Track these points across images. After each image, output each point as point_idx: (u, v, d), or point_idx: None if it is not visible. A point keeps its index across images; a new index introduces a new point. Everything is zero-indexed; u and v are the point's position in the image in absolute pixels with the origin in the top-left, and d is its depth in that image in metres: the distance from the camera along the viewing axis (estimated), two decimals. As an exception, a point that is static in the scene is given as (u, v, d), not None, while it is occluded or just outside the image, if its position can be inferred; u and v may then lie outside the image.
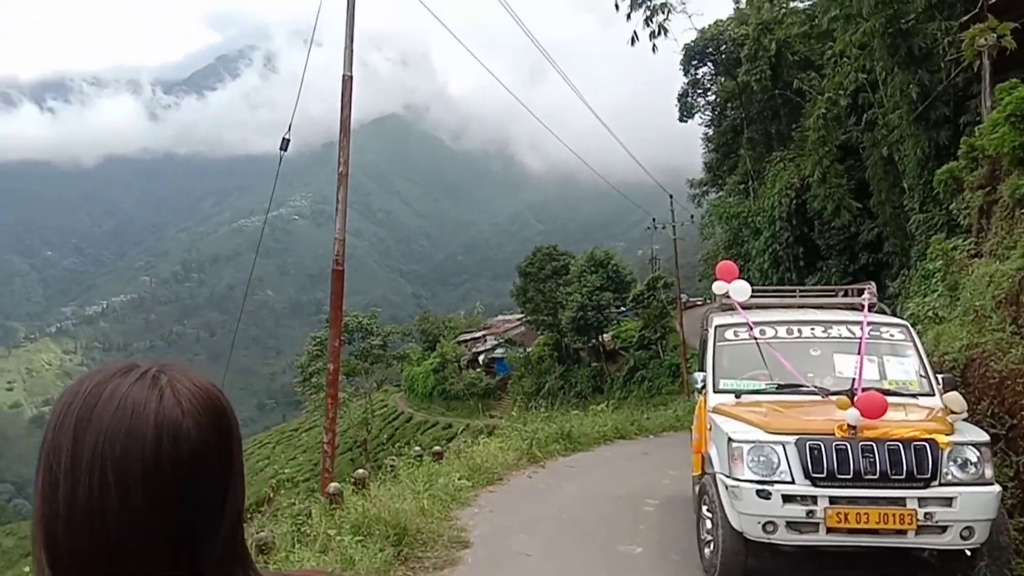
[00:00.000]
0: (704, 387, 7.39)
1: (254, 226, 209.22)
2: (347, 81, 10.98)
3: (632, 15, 19.88)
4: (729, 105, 32.17)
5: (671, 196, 35.62)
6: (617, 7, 19.76)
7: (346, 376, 51.05)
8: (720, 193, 33.14)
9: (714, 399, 7.07)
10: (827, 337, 7.41)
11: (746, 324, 7.46)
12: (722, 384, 7.19)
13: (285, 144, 11.37)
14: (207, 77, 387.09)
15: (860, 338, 7.11)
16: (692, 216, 38.46)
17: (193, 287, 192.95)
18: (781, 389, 6.91)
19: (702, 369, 7.79)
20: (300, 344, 68.00)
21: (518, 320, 58.25)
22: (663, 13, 19.73)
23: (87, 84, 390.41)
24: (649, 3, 19.74)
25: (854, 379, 6.65)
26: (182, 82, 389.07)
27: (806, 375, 6.95)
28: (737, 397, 6.93)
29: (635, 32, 19.85)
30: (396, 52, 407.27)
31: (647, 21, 19.80)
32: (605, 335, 46.26)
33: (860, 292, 8.41)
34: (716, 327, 7.72)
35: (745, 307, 7.86)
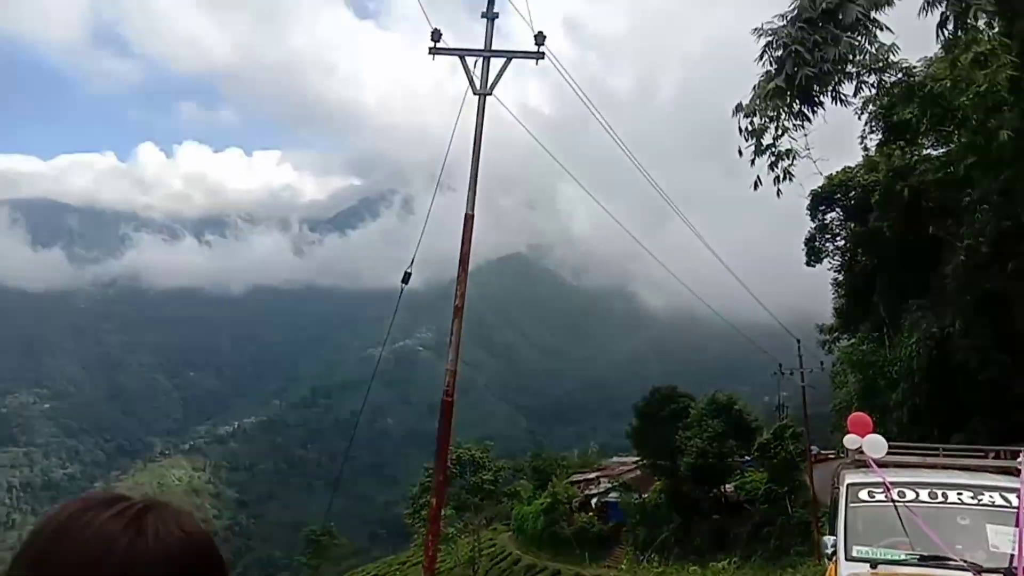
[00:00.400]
0: (835, 553, 6.69)
1: (382, 356, 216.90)
2: (468, 220, 11.51)
3: (756, 161, 19.93)
4: (860, 251, 31.18)
5: (799, 341, 34.28)
6: (740, 153, 19.91)
7: (455, 510, 50.41)
8: (852, 340, 31.58)
9: (846, 568, 6.35)
10: (978, 504, 6.61)
11: (883, 484, 6.80)
12: (855, 551, 6.47)
13: (407, 278, 11.91)
14: (350, 217, 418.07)
15: (1018, 507, 6.31)
16: (822, 363, 36.65)
17: (320, 412, 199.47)
18: (924, 561, 6.10)
19: (832, 532, 7.09)
20: (415, 474, 68.21)
21: (634, 463, 56.22)
22: (788, 158, 19.68)
23: (242, 220, 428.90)
24: (774, 149, 19.80)
25: (1012, 555, 5.85)
26: (327, 221, 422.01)
27: (954, 547, 6.17)
28: (873, 567, 6.19)
29: (758, 177, 19.81)
30: (523, 195, 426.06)
31: (771, 167, 19.78)
32: (727, 485, 43.71)
33: (1015, 454, 7.56)
34: (848, 486, 7.07)
35: (881, 464, 7.20)
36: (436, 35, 13.39)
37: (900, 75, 16.60)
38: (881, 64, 12.74)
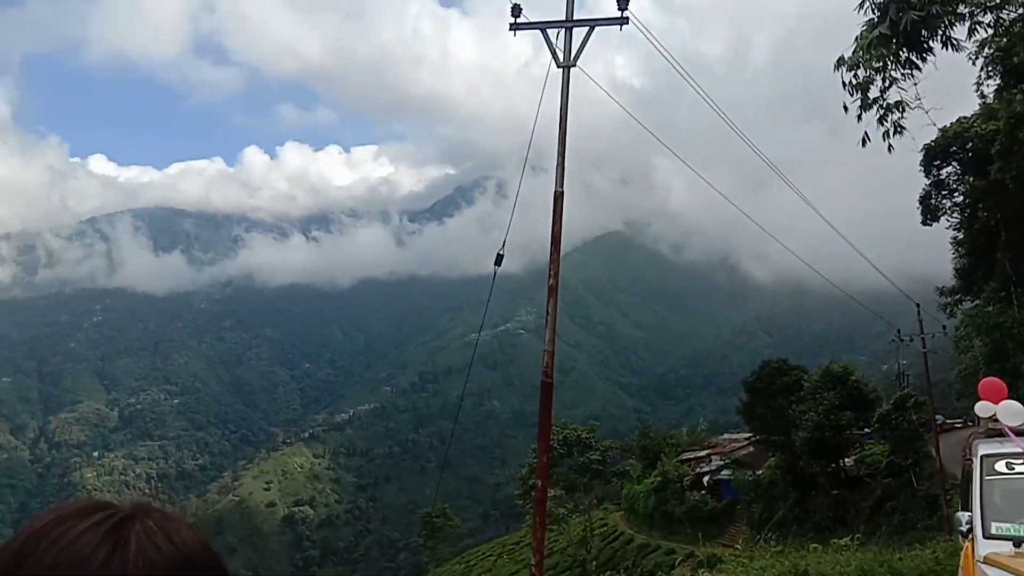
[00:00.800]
0: (971, 530, 6.19)
1: (484, 340, 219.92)
2: (558, 197, 11.35)
3: (863, 116, 18.82)
4: (980, 206, 29.08)
5: (918, 305, 32.40)
6: (846, 109, 18.88)
7: (565, 491, 50.60)
8: (976, 302, 29.57)
9: (984, 546, 5.85)
10: None
11: (1022, 454, 6.25)
12: (994, 528, 5.96)
13: (499, 260, 11.82)
14: (446, 206, 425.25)
15: None
16: (944, 327, 34.52)
17: (428, 397, 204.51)
18: (1075, 539, 5.61)
19: (966, 508, 6.55)
20: (523, 455, 68.90)
21: (746, 439, 54.85)
22: (898, 111, 18.48)
23: (345, 216, 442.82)
24: (881, 103, 18.64)
25: None
26: (425, 211, 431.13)
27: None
28: (1016, 546, 5.71)
29: (866, 133, 18.68)
30: (616, 172, 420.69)
31: (880, 121, 18.63)
32: (846, 459, 42.01)
33: None
34: (983, 457, 6.53)
35: (1019, 433, 6.63)
36: (516, 10, 13.20)
37: (1020, 10, 15.24)
38: (998, 0, 11.74)
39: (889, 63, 11.49)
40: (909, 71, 11.55)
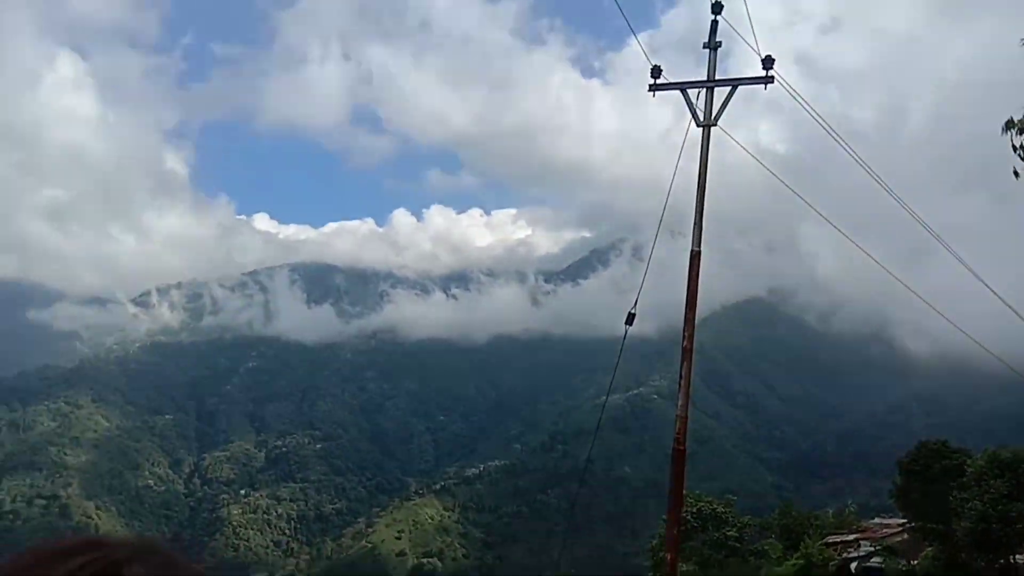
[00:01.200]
0: None
1: (615, 403, 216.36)
2: (695, 257, 11.34)
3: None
4: None
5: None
6: (1016, 174, 17.86)
7: (698, 566, 48.49)
8: None
9: None
10: None
11: None
12: None
13: (631, 319, 11.88)
14: (582, 268, 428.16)
15: None
16: None
17: (558, 458, 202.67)
18: None
19: None
20: (654, 525, 66.73)
21: (899, 526, 50.66)
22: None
23: (484, 275, 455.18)
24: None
25: None
26: (560, 272, 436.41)
27: None
28: None
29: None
30: (760, 238, 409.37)
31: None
32: (1017, 556, 37.91)
33: None
34: None
35: None
36: (656, 71, 13.27)
37: None
38: None
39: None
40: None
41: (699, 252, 12.03)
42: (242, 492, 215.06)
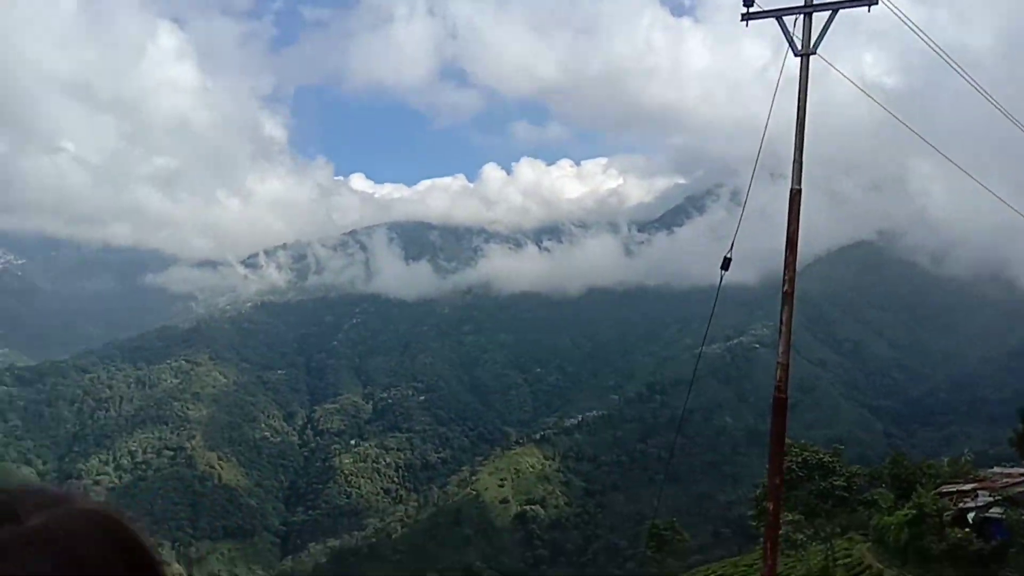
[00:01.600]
0: None
1: (714, 353, 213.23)
2: (794, 195, 10.88)
3: None
4: None
5: None
6: None
7: (804, 516, 47.91)
8: None
9: None
10: None
11: None
12: None
13: (726, 263, 11.49)
14: (676, 215, 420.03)
15: None
16: None
17: (655, 408, 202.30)
18: None
19: None
20: (757, 474, 66.20)
21: (1022, 475, 48.44)
22: None
23: (575, 227, 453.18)
24: None
25: None
26: (654, 221, 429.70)
27: None
28: None
29: None
30: (867, 178, 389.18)
31: None
32: None
33: None
34: None
35: None
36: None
37: None
38: None
39: None
40: None
41: (799, 190, 11.48)
42: (352, 442, 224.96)
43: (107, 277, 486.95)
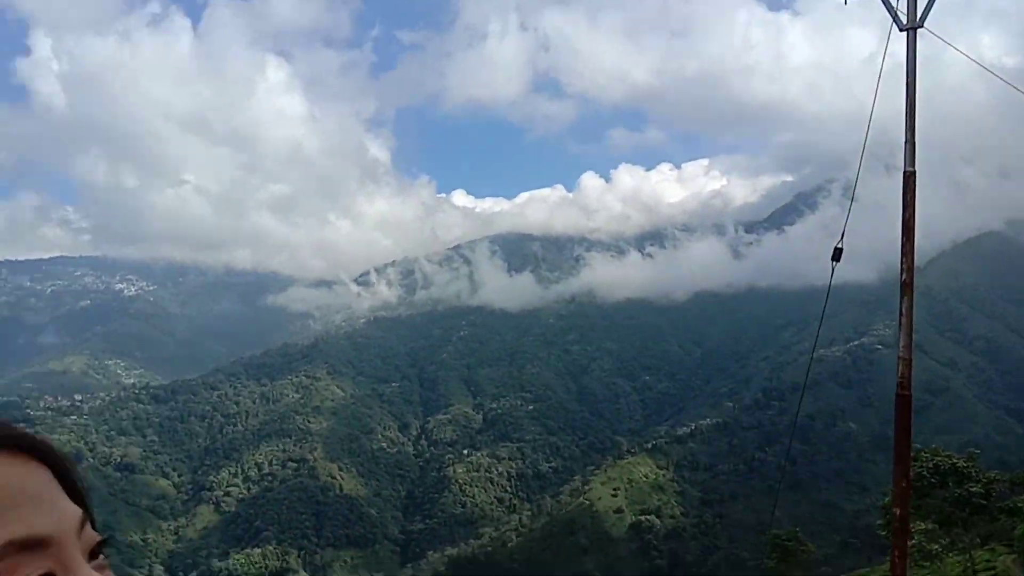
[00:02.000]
0: None
1: (833, 355, 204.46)
2: (908, 178, 10.29)
3: None
4: None
5: None
6: None
7: (939, 525, 45.38)
8: None
9: None
10: None
11: None
12: None
13: (837, 254, 10.82)
14: (786, 214, 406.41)
15: None
16: None
17: (774, 415, 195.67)
18: None
19: None
20: (884, 482, 63.09)
21: None
22: None
23: (679, 231, 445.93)
24: None
25: None
26: (762, 221, 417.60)
27: None
28: None
29: None
30: (993, 165, 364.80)
31: None
32: None
33: None
34: None
35: None
36: None
37: None
38: None
39: None
40: None
41: (913, 172, 10.86)
42: (464, 452, 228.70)
43: (231, 299, 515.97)
